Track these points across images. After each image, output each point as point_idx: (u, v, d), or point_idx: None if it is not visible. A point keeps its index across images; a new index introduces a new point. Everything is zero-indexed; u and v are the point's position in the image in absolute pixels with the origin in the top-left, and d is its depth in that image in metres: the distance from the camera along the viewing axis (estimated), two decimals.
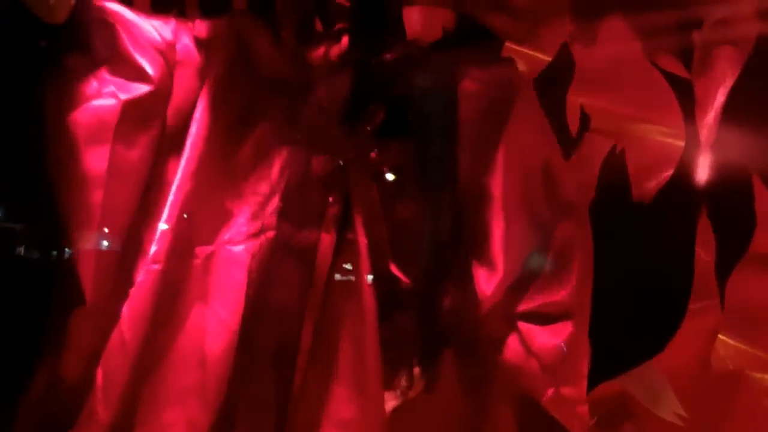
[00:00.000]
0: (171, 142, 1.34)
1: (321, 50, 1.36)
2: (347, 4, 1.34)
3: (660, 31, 2.02)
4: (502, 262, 1.39)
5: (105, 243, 1.34)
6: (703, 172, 2.00)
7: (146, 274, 1.32)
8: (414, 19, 1.45)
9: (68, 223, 1.33)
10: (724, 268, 2.02)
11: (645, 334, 2.01)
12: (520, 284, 1.40)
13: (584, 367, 1.43)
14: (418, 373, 1.38)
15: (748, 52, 1.98)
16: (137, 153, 1.31)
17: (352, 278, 1.33)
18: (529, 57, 2.04)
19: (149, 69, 1.31)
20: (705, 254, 2.03)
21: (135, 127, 1.31)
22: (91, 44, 1.28)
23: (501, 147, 1.41)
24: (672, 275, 2.03)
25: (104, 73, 1.29)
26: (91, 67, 1.28)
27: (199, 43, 1.37)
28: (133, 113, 1.30)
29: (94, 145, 1.29)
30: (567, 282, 1.43)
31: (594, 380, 2.01)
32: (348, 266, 1.33)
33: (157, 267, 1.32)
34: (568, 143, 2.06)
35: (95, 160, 1.29)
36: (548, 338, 1.42)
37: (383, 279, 1.36)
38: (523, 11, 1.95)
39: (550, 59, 2.05)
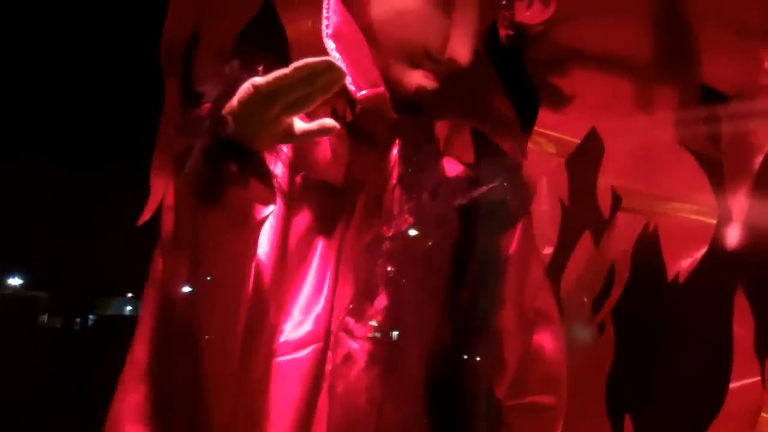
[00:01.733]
0: None
1: (370, 161, 1.38)
2: (395, 116, 1.36)
3: (687, 110, 2.04)
4: (509, 364, 1.44)
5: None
6: (736, 248, 2.00)
7: None
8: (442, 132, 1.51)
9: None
10: (764, 344, 2.00)
11: (687, 415, 1.99)
12: (516, 382, 1.46)
13: None
14: None
15: None
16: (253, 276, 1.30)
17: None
18: (558, 140, 2.08)
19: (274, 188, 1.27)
20: (743, 331, 2.01)
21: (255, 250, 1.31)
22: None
23: (510, 254, 1.46)
24: (711, 354, 2.01)
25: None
26: (248, 189, 1.23)
27: None
28: (257, 235, 1.28)
29: (235, 270, 1.28)
30: (552, 378, 1.50)
31: None
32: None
33: None
34: (601, 224, 2.08)
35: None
36: (533, 426, 1.49)
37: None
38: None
39: (578, 141, 2.09)
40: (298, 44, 2.10)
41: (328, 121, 1.20)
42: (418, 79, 1.37)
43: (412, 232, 1.33)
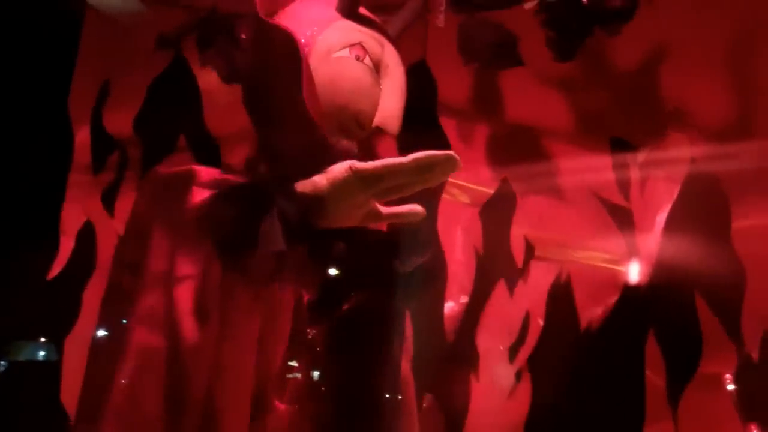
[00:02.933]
0: None
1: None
2: None
3: (596, 160, 2.08)
4: None
5: None
6: (647, 295, 2.03)
7: None
8: None
9: None
10: (676, 389, 2.03)
11: None
12: None
13: None
14: None
15: (683, 175, 2.04)
16: None
17: None
18: (472, 191, 2.10)
19: None
20: (655, 377, 2.04)
21: None
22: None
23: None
24: (624, 400, 2.03)
25: None
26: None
27: None
28: None
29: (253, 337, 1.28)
30: None
31: None
32: None
33: None
34: (514, 273, 2.10)
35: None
36: None
37: None
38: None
39: (492, 192, 2.10)
40: (210, 94, 2.09)
41: (418, 207, 1.22)
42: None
43: (333, 296, 1.32)
